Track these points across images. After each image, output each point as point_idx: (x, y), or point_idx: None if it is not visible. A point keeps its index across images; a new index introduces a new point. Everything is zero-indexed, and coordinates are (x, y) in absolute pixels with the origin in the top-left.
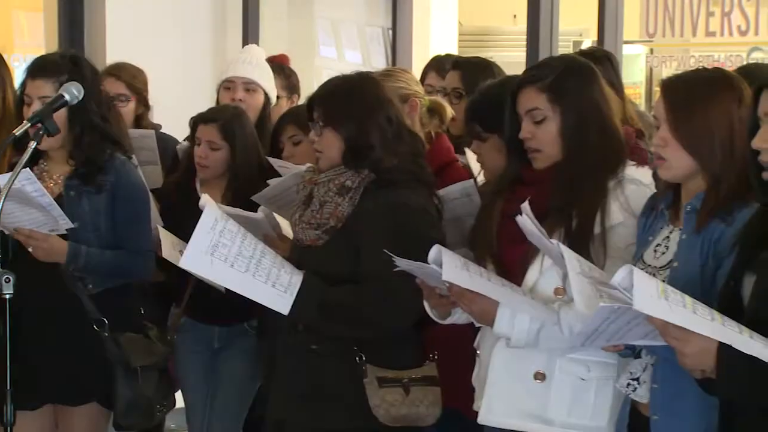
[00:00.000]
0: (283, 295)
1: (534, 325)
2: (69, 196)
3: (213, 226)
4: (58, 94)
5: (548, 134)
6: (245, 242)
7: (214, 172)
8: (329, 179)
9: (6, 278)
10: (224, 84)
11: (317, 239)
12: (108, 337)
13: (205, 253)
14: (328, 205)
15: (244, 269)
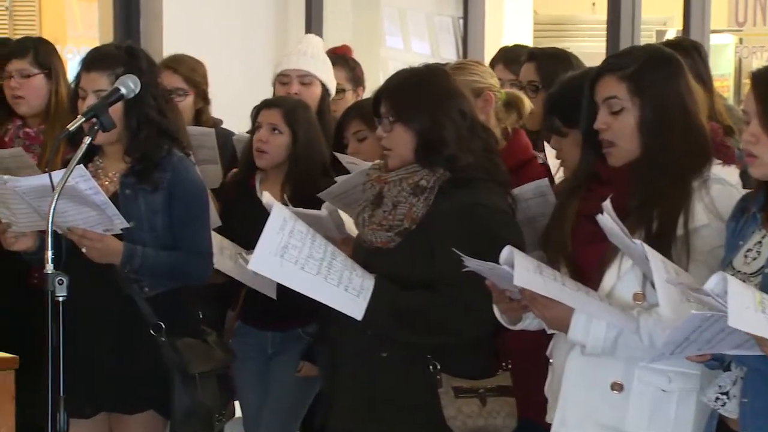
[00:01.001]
0: (355, 299)
1: (611, 332)
2: (124, 195)
3: (282, 226)
4: (114, 87)
5: (625, 127)
6: (315, 243)
7: (273, 159)
8: (401, 178)
9: (59, 280)
10: (279, 78)
11: (389, 241)
12: (165, 342)
13: (275, 255)
14: (401, 205)
15: (315, 272)
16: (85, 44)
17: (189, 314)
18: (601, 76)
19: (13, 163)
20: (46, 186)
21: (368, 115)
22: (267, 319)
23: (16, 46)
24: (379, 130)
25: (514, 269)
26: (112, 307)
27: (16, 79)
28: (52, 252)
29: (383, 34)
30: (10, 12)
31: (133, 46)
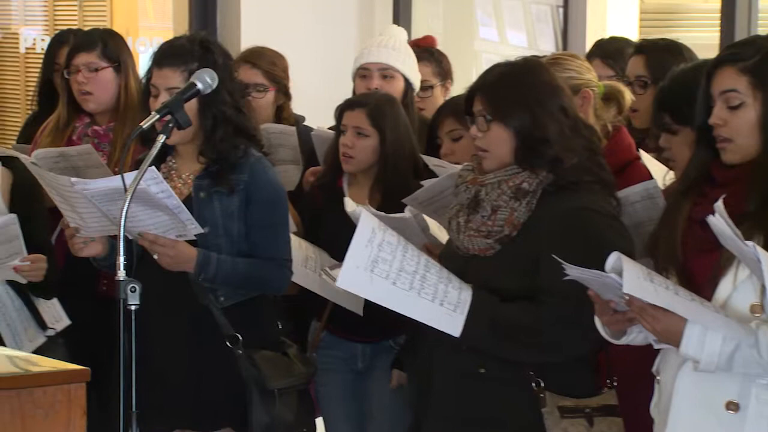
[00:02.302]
0: (452, 314)
1: (727, 346)
2: (198, 198)
3: (371, 238)
4: (189, 82)
5: (744, 123)
6: (407, 255)
7: (360, 163)
8: (500, 180)
9: (132, 287)
10: (359, 71)
11: (487, 249)
12: (242, 355)
13: (364, 269)
14: (502, 210)
15: (408, 287)
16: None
17: (267, 325)
18: (719, 68)
19: (81, 162)
20: (117, 189)
21: (463, 113)
22: (357, 329)
23: (84, 39)
24: (473, 130)
25: (622, 277)
26: (185, 318)
27: (84, 74)
28: (123, 258)
29: (476, 25)
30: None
31: (207, 38)
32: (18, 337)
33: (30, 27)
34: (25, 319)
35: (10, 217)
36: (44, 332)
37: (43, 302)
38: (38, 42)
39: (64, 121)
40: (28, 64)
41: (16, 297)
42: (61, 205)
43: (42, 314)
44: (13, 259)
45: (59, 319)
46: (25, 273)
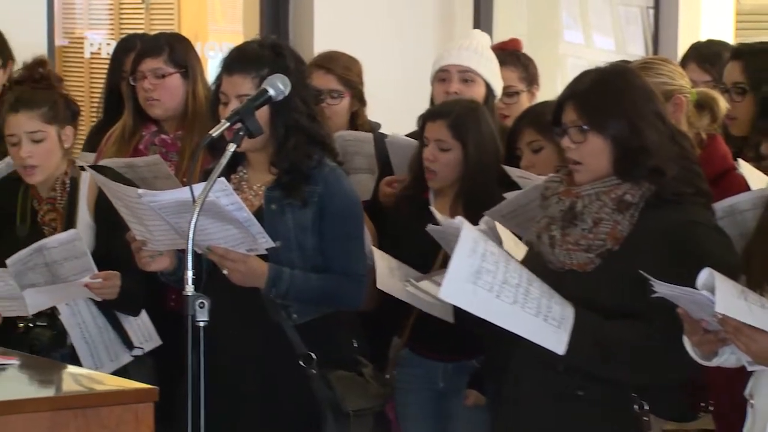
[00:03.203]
0: (556, 330)
1: None
2: (270, 210)
3: (474, 248)
4: (261, 89)
5: None
6: (510, 267)
7: (443, 178)
8: (598, 192)
9: (200, 303)
10: (438, 74)
11: (587, 263)
12: (316, 375)
13: (467, 281)
14: (604, 223)
15: (512, 300)
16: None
17: (342, 344)
18: None
19: (148, 173)
20: (185, 201)
21: (543, 123)
22: (439, 347)
23: (149, 44)
24: (566, 141)
25: (714, 295)
26: (256, 336)
27: (150, 80)
28: (192, 273)
29: (561, 28)
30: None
31: (279, 42)
32: (97, 355)
33: (95, 31)
34: (107, 337)
35: (73, 233)
36: (131, 352)
37: (132, 321)
38: (103, 47)
39: (130, 130)
40: (92, 69)
41: (99, 314)
42: (128, 218)
43: (129, 333)
44: (83, 276)
45: (149, 338)
46: (97, 290)
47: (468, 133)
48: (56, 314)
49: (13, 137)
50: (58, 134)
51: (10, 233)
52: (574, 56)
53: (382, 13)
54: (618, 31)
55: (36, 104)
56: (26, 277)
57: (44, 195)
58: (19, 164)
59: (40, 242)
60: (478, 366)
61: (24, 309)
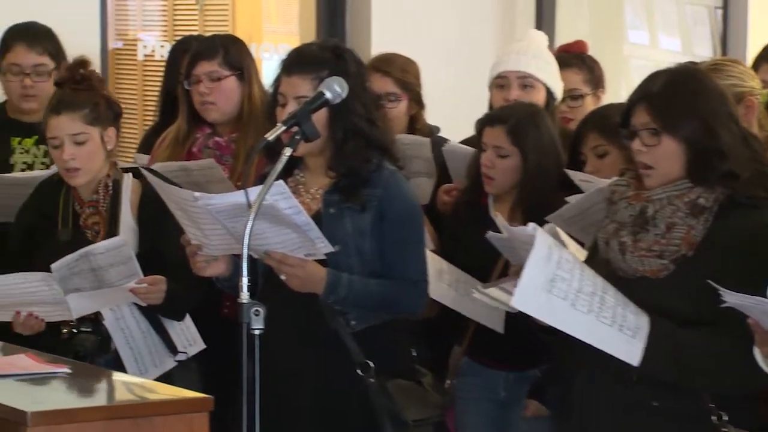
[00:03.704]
0: (631, 340)
1: None
2: (328, 214)
3: (548, 255)
4: (318, 92)
5: None
6: (585, 275)
7: (501, 185)
8: (670, 196)
9: (255, 310)
10: (496, 81)
11: (661, 269)
12: (374, 383)
13: (542, 289)
14: (678, 228)
15: (587, 309)
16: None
17: (401, 352)
18: None
19: (202, 177)
20: (242, 204)
21: (608, 127)
22: (500, 356)
23: (204, 47)
24: (637, 144)
25: None
26: (313, 343)
27: (206, 84)
28: (247, 279)
29: (625, 28)
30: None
31: (341, 45)
32: (142, 361)
33: (148, 33)
34: (151, 342)
35: (120, 239)
36: (174, 357)
37: (176, 325)
38: (157, 49)
39: (184, 134)
40: (146, 71)
41: (143, 319)
42: (183, 221)
43: (173, 337)
44: (129, 281)
45: (193, 342)
46: (142, 296)
47: (527, 139)
48: (100, 319)
49: (55, 140)
50: (101, 136)
51: (52, 237)
52: (639, 57)
53: (441, 13)
54: (684, 32)
55: (78, 106)
56: (71, 281)
57: (86, 198)
58: (62, 167)
59: (86, 248)
60: (539, 375)
61: (68, 313)
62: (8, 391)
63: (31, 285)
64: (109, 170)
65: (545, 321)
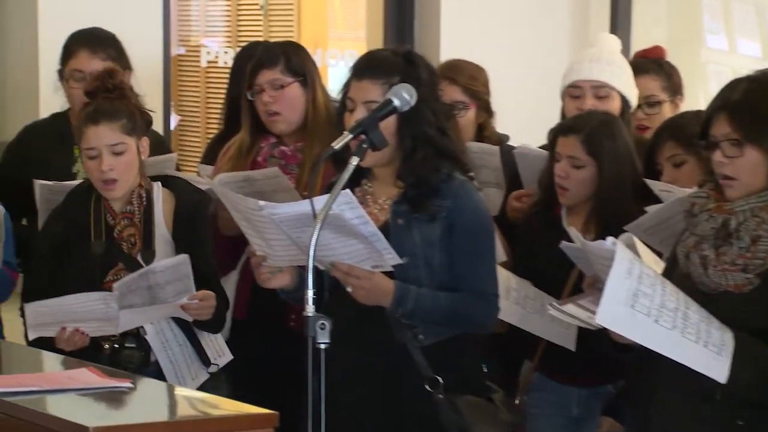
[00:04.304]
0: (717, 357)
1: None
2: (396, 225)
3: (629, 270)
4: (386, 99)
5: None
6: (667, 290)
7: (576, 196)
8: (753, 207)
9: (321, 324)
10: (569, 90)
11: (745, 284)
12: (443, 400)
13: (625, 305)
14: (763, 240)
15: (671, 325)
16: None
17: (471, 367)
18: None
19: (267, 186)
20: (307, 214)
21: (685, 136)
22: (572, 371)
23: (265, 55)
24: (718, 155)
25: None
26: (380, 357)
27: (269, 92)
28: (313, 291)
29: (703, 33)
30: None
31: (413, 51)
32: (181, 374)
33: (211, 39)
34: (188, 354)
35: (182, 257)
36: (207, 368)
37: (206, 336)
38: (220, 55)
39: (247, 146)
40: (209, 78)
41: (179, 331)
42: (247, 231)
43: (205, 349)
44: (181, 297)
45: (222, 353)
46: (193, 312)
47: (602, 149)
48: (141, 334)
49: (92, 150)
50: (137, 146)
51: (84, 249)
52: (717, 63)
53: (512, 17)
54: (765, 36)
55: (116, 115)
56: (126, 298)
57: (118, 209)
58: (98, 178)
59: (147, 267)
60: (613, 391)
61: (113, 329)
62: (70, 406)
63: (90, 303)
64: (141, 180)
65: (629, 337)
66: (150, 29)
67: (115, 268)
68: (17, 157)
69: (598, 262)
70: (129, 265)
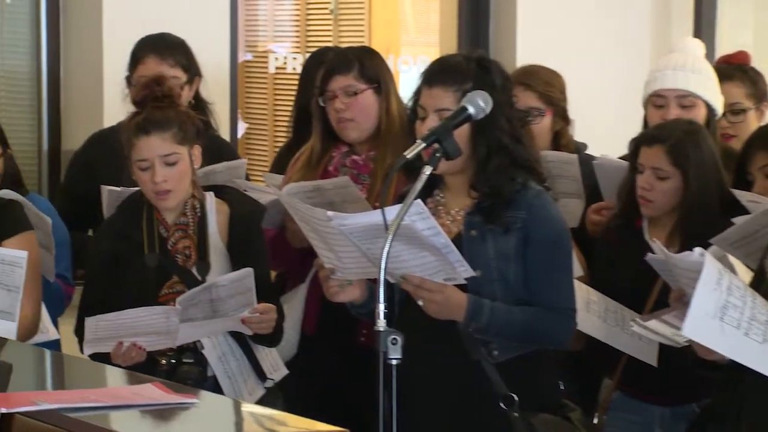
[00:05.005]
0: None
1: None
2: (470, 237)
3: (718, 281)
4: (460, 106)
5: None
6: (756, 302)
7: (660, 208)
8: None
9: (393, 339)
10: (652, 99)
11: None
12: (518, 418)
13: (713, 317)
14: None
15: (762, 338)
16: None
17: (547, 385)
18: None
19: (337, 197)
20: (378, 225)
21: None
22: (655, 389)
23: (338, 61)
24: None
25: None
26: (452, 374)
27: (342, 99)
28: (384, 305)
29: None
30: (336, 16)
31: (486, 56)
32: (238, 389)
33: (279, 44)
34: (245, 369)
35: (247, 271)
36: (263, 383)
37: (262, 350)
38: (289, 61)
39: (318, 155)
40: (276, 84)
41: (236, 345)
42: (316, 243)
43: (261, 364)
44: (242, 310)
45: (277, 368)
46: (254, 325)
47: (688, 159)
48: (198, 348)
49: (144, 162)
50: (189, 155)
51: (138, 262)
52: None
53: (591, 22)
54: None
55: (167, 125)
56: (187, 312)
57: (171, 220)
58: (151, 189)
59: (211, 281)
60: (698, 411)
61: (171, 342)
62: (134, 422)
63: (152, 317)
64: (194, 191)
65: (717, 350)
66: (216, 34)
67: (169, 281)
68: (83, 167)
69: (683, 275)
70: (184, 278)
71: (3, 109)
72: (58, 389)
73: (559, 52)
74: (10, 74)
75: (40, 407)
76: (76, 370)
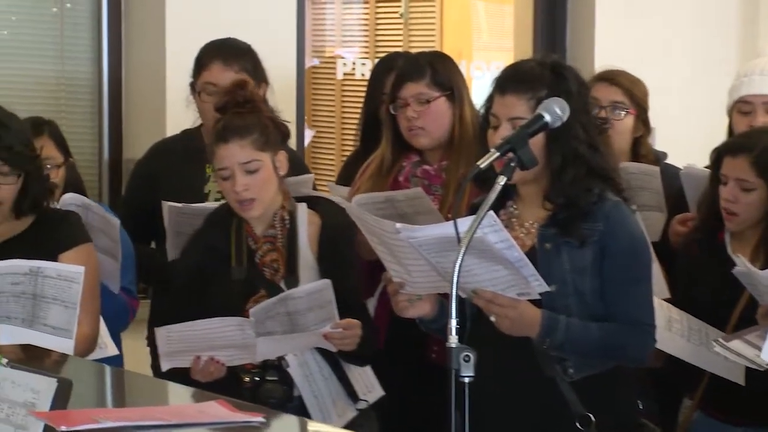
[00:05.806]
0: None
1: None
2: (544, 250)
3: None
4: (536, 114)
5: None
6: None
7: (745, 221)
8: None
9: (465, 356)
10: (738, 105)
11: None
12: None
13: None
14: None
15: None
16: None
17: (625, 404)
18: None
19: (409, 208)
20: (449, 237)
21: None
22: (737, 410)
23: (409, 67)
24: None
25: None
26: (526, 392)
27: (414, 107)
28: (456, 321)
29: None
30: (406, 20)
31: (561, 62)
32: (326, 410)
33: (347, 49)
34: (334, 389)
35: (324, 283)
36: (355, 405)
37: (354, 369)
38: (357, 66)
39: (388, 163)
40: (344, 91)
41: (325, 364)
42: (384, 256)
43: (353, 384)
44: (324, 325)
45: (372, 388)
46: (336, 341)
47: None
48: (284, 366)
49: (225, 170)
50: (272, 161)
51: (224, 275)
52: None
53: (673, 24)
54: None
55: (247, 131)
56: (263, 325)
57: (260, 232)
58: (234, 199)
59: (286, 292)
60: None
61: (252, 357)
62: None
63: (226, 329)
64: (284, 201)
65: None
66: (283, 39)
67: (256, 295)
68: (146, 177)
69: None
70: (271, 293)
71: (63, 117)
72: (118, 406)
73: (640, 58)
74: (70, 81)
75: (101, 425)
76: (138, 386)
